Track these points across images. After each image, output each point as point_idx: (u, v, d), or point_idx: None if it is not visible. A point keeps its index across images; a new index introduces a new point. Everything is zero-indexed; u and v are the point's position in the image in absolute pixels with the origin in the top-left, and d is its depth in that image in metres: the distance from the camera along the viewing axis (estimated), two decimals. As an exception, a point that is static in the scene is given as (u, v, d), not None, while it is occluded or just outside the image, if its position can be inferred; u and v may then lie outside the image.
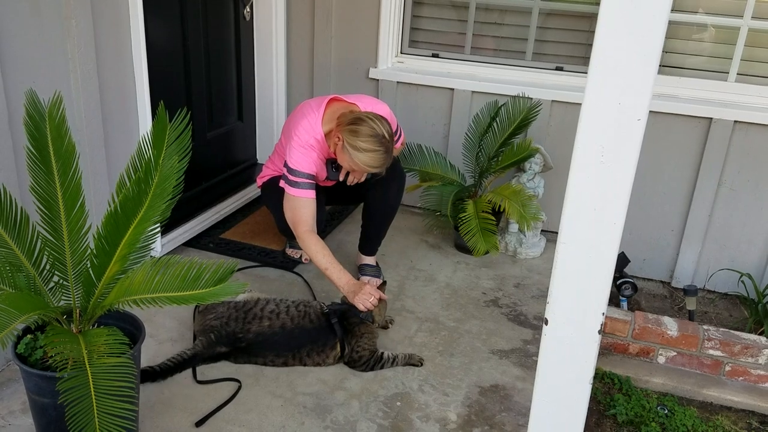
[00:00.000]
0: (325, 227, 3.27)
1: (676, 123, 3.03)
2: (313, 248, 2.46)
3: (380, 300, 2.37)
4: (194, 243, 3.08)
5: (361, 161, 2.38)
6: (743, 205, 3.04)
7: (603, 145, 1.15)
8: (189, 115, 1.76)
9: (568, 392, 1.34)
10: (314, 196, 2.51)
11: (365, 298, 2.33)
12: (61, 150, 1.68)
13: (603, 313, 1.26)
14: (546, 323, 1.31)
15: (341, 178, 2.63)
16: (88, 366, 1.51)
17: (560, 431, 1.37)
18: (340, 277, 2.43)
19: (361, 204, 2.89)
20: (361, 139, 2.34)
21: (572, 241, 1.22)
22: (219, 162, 3.41)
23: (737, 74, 3.02)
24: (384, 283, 2.51)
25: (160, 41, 2.79)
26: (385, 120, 2.42)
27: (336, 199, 2.93)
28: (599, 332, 1.27)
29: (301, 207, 2.49)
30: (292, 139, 2.51)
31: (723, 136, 2.96)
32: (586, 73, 1.15)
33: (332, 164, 2.60)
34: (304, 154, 2.49)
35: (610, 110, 1.13)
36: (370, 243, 2.90)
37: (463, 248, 3.13)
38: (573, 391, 1.33)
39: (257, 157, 3.73)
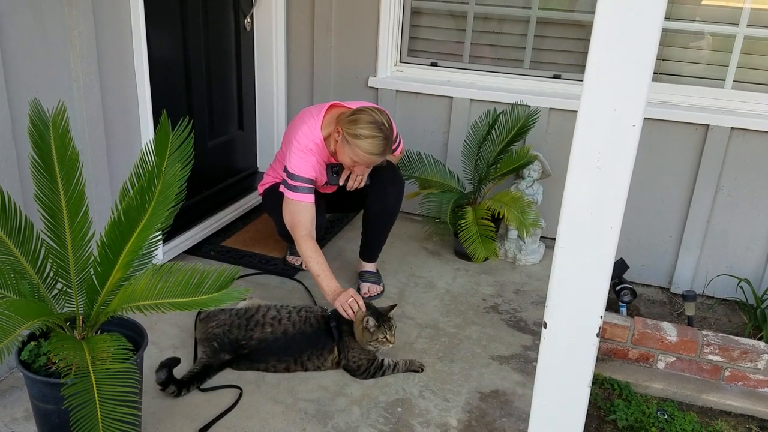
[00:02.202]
0: (325, 234, 3.29)
1: (674, 130, 3.05)
2: (308, 253, 2.48)
3: (368, 323, 2.27)
4: (195, 251, 3.10)
5: (361, 149, 2.41)
6: (741, 211, 3.06)
7: (599, 150, 1.17)
8: (191, 123, 1.78)
9: (567, 395, 1.35)
10: (313, 201, 2.54)
11: (344, 300, 2.34)
12: (64, 158, 1.70)
13: (601, 317, 1.28)
14: (545, 327, 1.32)
15: (341, 183, 2.65)
16: (92, 372, 1.52)
17: (560, 434, 1.39)
18: (329, 284, 2.44)
19: (361, 211, 2.91)
20: (360, 126, 2.39)
21: (570, 245, 1.24)
22: (220, 170, 3.43)
23: (733, 81, 3.05)
24: (394, 305, 2.42)
25: (162, 51, 2.82)
26: (384, 112, 2.47)
27: (336, 206, 2.95)
28: (597, 335, 1.29)
29: (299, 211, 2.51)
30: (292, 144, 2.54)
31: (720, 142, 2.98)
32: (583, 81, 1.18)
33: (332, 169, 2.63)
34: (303, 159, 2.52)
35: (606, 116, 1.15)
36: (370, 250, 2.91)
37: (463, 255, 3.15)
38: (572, 394, 1.35)
39: (257, 165, 3.75)
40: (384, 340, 2.27)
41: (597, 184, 1.18)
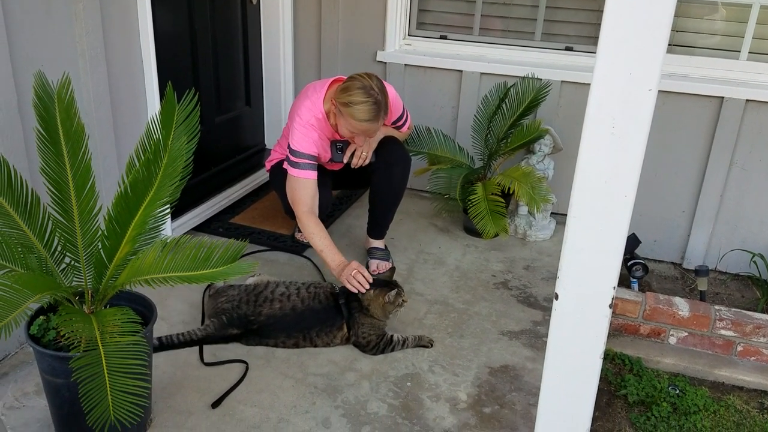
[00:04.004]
0: (332, 211, 3.28)
1: (687, 102, 3.00)
2: (311, 229, 2.47)
3: (385, 296, 2.29)
4: (204, 228, 3.09)
5: (353, 117, 2.38)
6: (755, 184, 3.01)
7: (614, 116, 1.13)
8: (197, 96, 1.76)
9: (578, 367, 1.33)
10: (315, 177, 2.52)
11: (348, 273, 2.32)
12: (70, 131, 1.68)
13: (614, 287, 1.25)
14: (556, 298, 1.30)
15: (345, 160, 2.63)
16: (100, 345, 1.52)
17: (571, 406, 1.37)
18: (333, 258, 2.43)
19: (368, 188, 2.89)
20: (350, 93, 2.37)
21: (583, 214, 1.21)
22: (227, 147, 3.41)
23: (749, 53, 2.99)
24: (393, 269, 2.49)
25: (168, 26, 2.79)
26: (375, 76, 2.44)
27: (343, 183, 2.94)
28: (610, 306, 1.26)
29: (301, 187, 2.50)
30: (294, 119, 2.53)
31: (735, 115, 2.93)
32: (596, 53, 1.14)
33: (337, 145, 2.61)
34: (305, 134, 2.50)
35: (621, 81, 1.11)
36: (377, 227, 2.90)
37: (473, 231, 3.12)
38: (584, 366, 1.33)
39: (265, 142, 3.73)
40: (402, 302, 2.31)
41: (612, 151, 1.15)
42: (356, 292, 2.30)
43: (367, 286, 2.30)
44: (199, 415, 1.96)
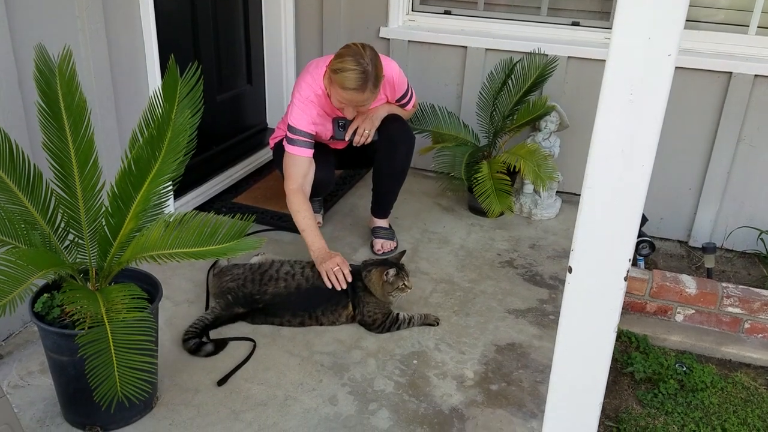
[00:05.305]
0: (336, 191, 3.26)
1: (695, 78, 2.96)
2: (295, 207, 2.44)
3: (388, 275, 2.26)
4: (206, 208, 3.06)
5: (340, 84, 2.33)
6: (763, 161, 2.99)
7: (632, 83, 1.10)
8: (199, 69, 1.73)
9: (592, 341, 1.31)
10: (310, 156, 2.49)
11: (330, 266, 2.27)
12: (72, 106, 1.65)
13: (629, 260, 1.23)
14: (570, 271, 1.28)
15: (347, 138, 2.60)
16: (106, 321, 1.50)
17: (584, 380, 1.36)
18: (314, 241, 2.40)
19: (372, 167, 2.86)
20: (341, 59, 2.32)
21: (599, 184, 1.19)
22: (229, 126, 3.37)
23: (758, 27, 2.94)
24: (403, 252, 2.45)
25: (168, 2, 2.74)
26: (371, 47, 2.38)
27: (346, 162, 2.91)
28: (625, 279, 1.24)
29: (293, 164, 2.48)
30: (295, 95, 2.51)
31: (743, 90, 2.89)
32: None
33: (339, 123, 2.58)
34: (303, 111, 2.47)
35: (640, 45, 1.08)
36: (381, 206, 2.87)
37: (477, 210, 3.10)
38: (598, 340, 1.31)
39: (267, 121, 3.69)
40: (403, 286, 2.27)
41: (629, 119, 1.12)
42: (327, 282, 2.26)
43: (345, 286, 2.26)
44: (206, 393, 1.95)
